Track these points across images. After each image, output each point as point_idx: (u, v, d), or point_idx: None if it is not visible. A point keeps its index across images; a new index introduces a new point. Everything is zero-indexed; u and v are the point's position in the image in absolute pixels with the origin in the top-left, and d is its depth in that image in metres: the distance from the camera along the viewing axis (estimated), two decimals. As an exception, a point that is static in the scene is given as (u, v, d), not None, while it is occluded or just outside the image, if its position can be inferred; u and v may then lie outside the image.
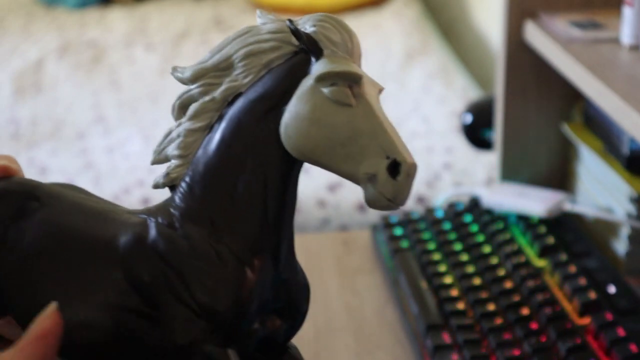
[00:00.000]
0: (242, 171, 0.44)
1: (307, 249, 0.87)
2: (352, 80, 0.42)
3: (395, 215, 0.96)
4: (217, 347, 0.44)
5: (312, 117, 0.42)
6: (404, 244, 0.91)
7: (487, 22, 1.97)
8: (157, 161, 0.48)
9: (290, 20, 0.45)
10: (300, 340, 0.50)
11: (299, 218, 1.24)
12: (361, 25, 2.13)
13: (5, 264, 0.48)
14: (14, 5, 2.37)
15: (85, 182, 1.39)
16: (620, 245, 0.86)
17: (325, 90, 0.42)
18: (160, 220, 0.45)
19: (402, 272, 0.85)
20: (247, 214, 0.44)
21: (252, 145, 0.44)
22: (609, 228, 0.88)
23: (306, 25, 0.45)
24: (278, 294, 0.46)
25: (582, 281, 0.79)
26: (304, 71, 0.44)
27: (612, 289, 0.78)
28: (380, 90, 0.44)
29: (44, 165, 1.51)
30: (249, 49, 0.45)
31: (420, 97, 1.74)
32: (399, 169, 0.42)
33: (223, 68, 0.46)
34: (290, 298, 0.47)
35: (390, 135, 0.42)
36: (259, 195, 0.44)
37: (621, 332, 0.72)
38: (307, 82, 0.43)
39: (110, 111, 1.74)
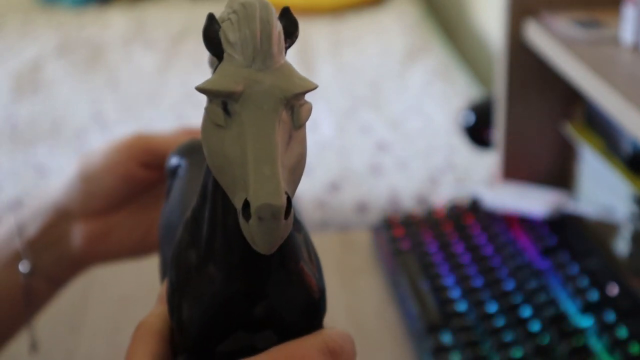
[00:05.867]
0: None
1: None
2: (220, 97, 0.36)
3: (395, 216, 0.96)
4: None
5: (201, 136, 0.37)
6: (405, 244, 0.90)
7: (487, 21, 1.97)
8: None
9: (211, 16, 0.38)
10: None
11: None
12: (362, 24, 2.13)
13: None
14: (12, 4, 2.37)
15: (84, 182, 1.38)
16: (622, 246, 0.86)
17: (205, 106, 0.37)
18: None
19: (402, 272, 0.85)
20: (210, 228, 0.40)
21: None
22: (610, 228, 0.88)
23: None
24: (254, 310, 0.41)
25: (584, 282, 0.79)
26: None
27: (614, 290, 0.78)
28: (291, 100, 0.36)
29: (42, 164, 1.51)
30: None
31: (420, 97, 1.73)
32: (249, 210, 0.35)
33: None
34: (275, 316, 0.41)
35: (249, 166, 0.35)
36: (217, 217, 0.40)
37: (623, 332, 0.72)
38: None
39: (109, 110, 1.74)
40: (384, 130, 1.56)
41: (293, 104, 0.36)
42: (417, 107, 1.68)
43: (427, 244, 0.90)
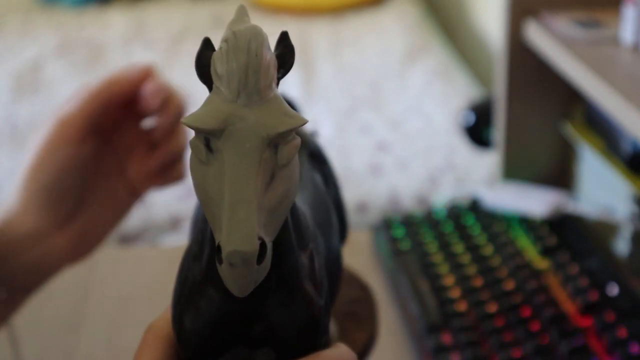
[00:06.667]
0: None
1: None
2: (201, 133, 0.35)
3: (396, 216, 0.96)
4: None
5: (189, 168, 0.37)
6: (405, 244, 0.90)
7: (487, 21, 1.97)
8: None
9: (206, 41, 0.37)
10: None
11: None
12: (362, 24, 2.13)
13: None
14: (12, 4, 2.36)
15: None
16: (622, 246, 0.86)
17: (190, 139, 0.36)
18: None
19: (402, 273, 0.85)
20: (211, 247, 0.39)
21: None
22: (610, 228, 0.88)
23: None
24: (253, 328, 0.40)
25: (584, 282, 0.79)
26: None
27: (613, 290, 0.78)
28: (278, 137, 0.35)
29: (43, 164, 1.51)
30: None
31: (420, 97, 1.73)
32: (220, 255, 0.34)
33: None
34: (273, 334, 0.40)
35: (225, 208, 0.34)
36: None
37: (623, 333, 0.72)
38: None
39: (109, 110, 1.74)
40: (384, 130, 1.56)
41: (278, 142, 0.35)
42: (417, 107, 1.68)
43: (427, 244, 0.90)
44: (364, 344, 0.63)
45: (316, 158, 0.54)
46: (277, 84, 0.37)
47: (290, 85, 1.75)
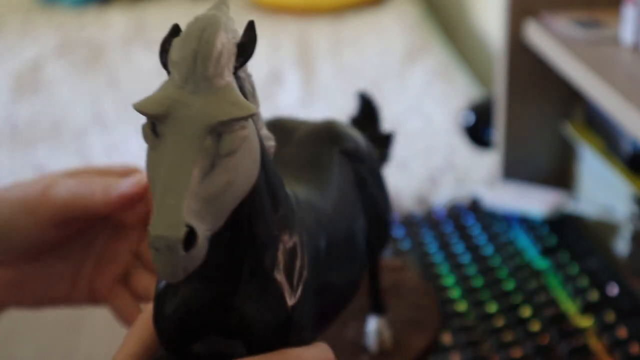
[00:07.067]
0: None
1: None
2: (147, 118, 0.35)
3: (395, 217, 0.96)
4: None
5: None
6: (405, 245, 0.90)
7: (487, 21, 1.97)
8: None
9: (174, 27, 0.37)
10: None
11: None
12: (362, 24, 2.13)
13: None
14: (12, 4, 2.36)
15: (84, 182, 1.38)
16: (622, 246, 0.86)
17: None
18: None
19: (402, 272, 0.85)
20: None
21: None
22: (610, 228, 0.88)
23: None
24: (226, 318, 0.40)
25: (584, 282, 0.79)
26: None
27: (613, 290, 0.78)
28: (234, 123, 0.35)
29: (43, 164, 1.51)
30: None
31: (420, 97, 1.73)
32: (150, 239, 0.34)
33: None
34: (242, 327, 0.40)
35: (158, 193, 0.34)
36: None
37: (623, 332, 0.72)
38: None
39: (109, 110, 1.74)
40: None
41: (221, 131, 0.35)
42: (417, 107, 1.68)
43: (427, 244, 0.90)
44: (421, 350, 0.63)
45: (351, 157, 0.52)
46: (235, 72, 0.36)
47: (290, 86, 1.75)
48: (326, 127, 0.53)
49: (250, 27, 0.37)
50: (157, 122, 0.35)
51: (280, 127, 0.52)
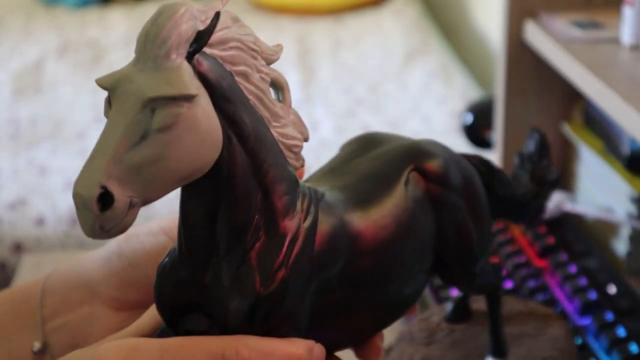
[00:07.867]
0: None
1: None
2: (102, 89, 0.39)
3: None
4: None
5: None
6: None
7: (487, 21, 1.97)
8: None
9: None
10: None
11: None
12: (361, 25, 2.13)
13: None
14: (13, 4, 2.37)
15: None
16: (621, 245, 0.86)
17: None
18: None
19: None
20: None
21: None
22: (609, 228, 0.88)
23: None
24: (204, 296, 0.42)
25: (583, 281, 0.79)
26: None
27: (612, 289, 0.78)
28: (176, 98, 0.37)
29: (44, 165, 1.51)
30: None
31: (420, 97, 1.74)
32: None
33: None
34: (210, 307, 0.42)
35: (91, 154, 0.37)
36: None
37: (622, 332, 0.72)
38: None
39: (110, 111, 1.74)
40: (384, 131, 1.56)
41: (154, 107, 0.37)
42: (417, 107, 1.69)
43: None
44: None
45: (428, 177, 0.51)
46: (188, 57, 0.39)
47: (290, 86, 1.76)
48: (409, 144, 0.53)
49: (214, 17, 0.39)
50: (110, 94, 0.38)
51: (369, 139, 0.55)
